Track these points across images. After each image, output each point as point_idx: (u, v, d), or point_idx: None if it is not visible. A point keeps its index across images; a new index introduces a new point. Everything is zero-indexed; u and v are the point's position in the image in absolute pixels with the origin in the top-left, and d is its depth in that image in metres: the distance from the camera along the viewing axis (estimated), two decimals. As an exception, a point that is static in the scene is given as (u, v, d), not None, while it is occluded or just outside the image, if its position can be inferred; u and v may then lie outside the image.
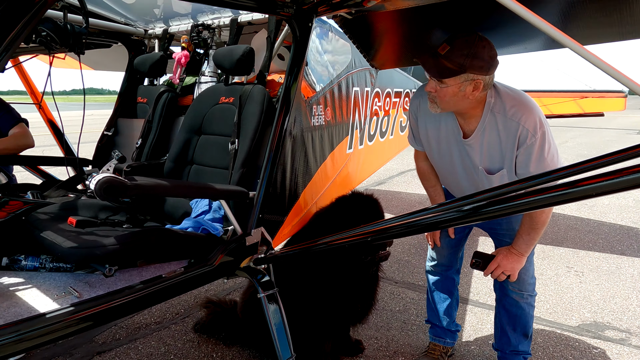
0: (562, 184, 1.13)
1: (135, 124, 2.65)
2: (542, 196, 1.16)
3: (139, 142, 2.49)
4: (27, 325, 1.26)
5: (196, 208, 2.00)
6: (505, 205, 1.24)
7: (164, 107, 2.53)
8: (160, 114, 2.52)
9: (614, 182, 1.01)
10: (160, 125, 2.51)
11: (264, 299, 1.83)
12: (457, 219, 1.40)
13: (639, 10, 1.86)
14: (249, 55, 2.08)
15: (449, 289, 2.53)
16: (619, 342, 2.74)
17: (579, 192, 1.09)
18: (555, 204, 1.17)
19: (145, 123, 2.52)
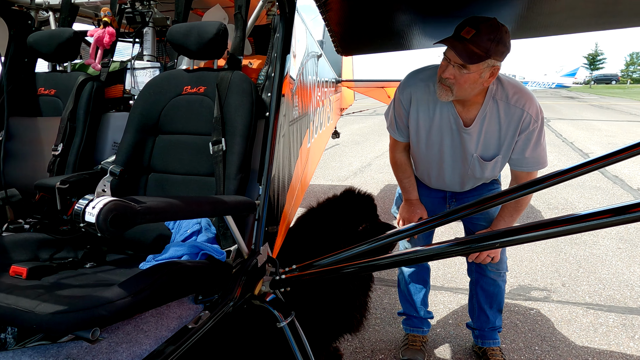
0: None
1: (41, 123, 1.96)
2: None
3: (59, 147, 1.84)
4: None
5: (179, 228, 1.56)
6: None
7: (89, 100, 1.91)
8: (85, 110, 1.90)
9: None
10: (88, 124, 1.89)
11: (286, 327, 1.54)
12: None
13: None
14: (224, 34, 1.70)
15: (424, 278, 2.54)
16: (544, 300, 3.14)
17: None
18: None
19: (65, 122, 1.87)
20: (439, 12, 2.10)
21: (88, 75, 2.00)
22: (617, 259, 3.82)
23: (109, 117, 2.05)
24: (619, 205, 1.16)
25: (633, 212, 1.14)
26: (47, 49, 1.99)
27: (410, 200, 2.34)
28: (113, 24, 2.05)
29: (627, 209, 1.15)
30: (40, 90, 2.02)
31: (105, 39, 2.02)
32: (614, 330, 2.74)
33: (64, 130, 1.85)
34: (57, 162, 1.83)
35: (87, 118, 1.90)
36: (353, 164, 8.14)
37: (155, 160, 1.75)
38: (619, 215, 1.16)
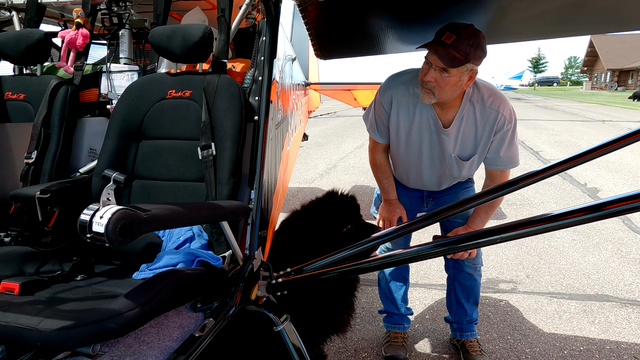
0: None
1: (9, 130, 1.84)
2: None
3: (34, 155, 1.73)
4: None
5: (171, 236, 1.53)
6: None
7: (65, 105, 1.81)
8: (61, 116, 1.80)
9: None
10: (64, 130, 1.80)
11: (283, 330, 1.54)
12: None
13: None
14: (209, 38, 1.67)
15: (404, 276, 2.61)
16: (512, 292, 3.31)
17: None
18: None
19: (39, 129, 1.77)
20: (415, 18, 2.18)
21: (61, 79, 1.90)
22: (572, 249, 4.09)
23: (84, 122, 1.96)
24: (592, 203, 1.26)
25: (606, 209, 1.25)
26: (15, 51, 1.87)
27: (389, 200, 2.40)
28: (86, 26, 1.96)
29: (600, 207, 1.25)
30: (7, 95, 1.90)
31: (78, 41, 1.93)
32: (576, 317, 2.94)
33: (38, 137, 1.75)
34: (32, 170, 1.72)
35: (63, 124, 1.81)
36: (318, 166, 8.19)
37: (140, 167, 1.70)
38: (594, 213, 1.25)
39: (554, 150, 9.53)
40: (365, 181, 6.87)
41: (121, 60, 1.99)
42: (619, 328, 2.79)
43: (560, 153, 9.15)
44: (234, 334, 1.68)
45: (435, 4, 2.04)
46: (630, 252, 3.99)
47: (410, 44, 2.45)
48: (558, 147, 9.91)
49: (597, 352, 2.56)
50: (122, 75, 1.94)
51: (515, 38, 2.46)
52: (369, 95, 5.64)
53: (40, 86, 1.87)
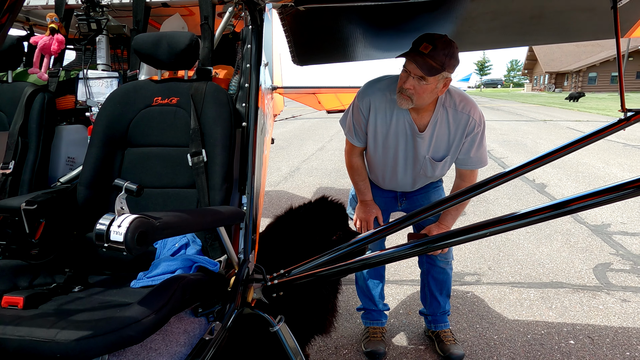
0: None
1: (-19, 139, 1.75)
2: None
3: (11, 165, 1.66)
4: None
5: (165, 243, 1.53)
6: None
7: (41, 113, 1.75)
8: (38, 124, 1.74)
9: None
10: (43, 139, 1.74)
11: (279, 331, 1.59)
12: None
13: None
14: (196, 45, 1.69)
15: (381, 273, 2.72)
16: (476, 284, 3.52)
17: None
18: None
19: (16, 138, 1.69)
20: (387, 27, 2.29)
21: (35, 86, 1.83)
22: (527, 241, 4.39)
23: (60, 130, 1.90)
24: (557, 201, 1.42)
25: (570, 205, 1.41)
26: None
27: (365, 201, 2.50)
28: (61, 31, 1.90)
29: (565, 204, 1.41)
30: (-24, 103, 1.81)
31: (53, 47, 1.87)
32: (535, 303, 3.17)
33: (15, 146, 1.68)
34: (9, 181, 1.66)
35: (41, 132, 1.75)
36: (282, 169, 8.21)
37: (126, 175, 1.68)
38: (558, 210, 1.42)
39: (503, 149, 10.11)
40: (330, 183, 6.98)
41: (99, 67, 1.95)
42: (573, 312, 3.05)
43: (509, 152, 9.74)
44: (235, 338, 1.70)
45: (406, 14, 2.16)
46: (578, 242, 4.34)
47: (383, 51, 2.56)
48: (507, 146, 10.53)
49: (556, 334, 2.78)
50: (100, 81, 1.90)
51: (480, 47, 2.65)
52: (333, 98, 5.75)
53: (13, 94, 1.80)
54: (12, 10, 0.71)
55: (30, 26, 2.24)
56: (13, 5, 0.71)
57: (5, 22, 0.68)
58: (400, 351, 2.65)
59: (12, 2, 0.70)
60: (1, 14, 0.71)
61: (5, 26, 0.68)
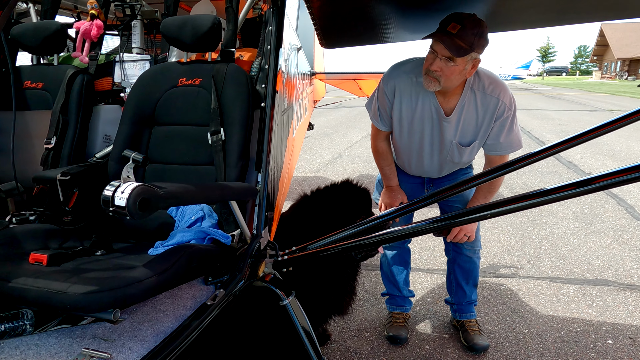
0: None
1: (29, 117, 1.94)
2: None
3: (53, 140, 1.83)
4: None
5: (183, 215, 1.62)
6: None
7: (82, 93, 1.91)
8: (78, 103, 1.90)
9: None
10: (81, 117, 1.90)
11: (289, 305, 1.64)
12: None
13: None
14: (218, 27, 1.75)
15: (406, 260, 2.70)
16: (512, 277, 3.39)
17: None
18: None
19: (58, 116, 1.86)
20: (417, 7, 2.23)
21: (77, 68, 1.99)
22: (574, 236, 4.15)
23: (99, 110, 2.05)
24: (581, 179, 1.34)
25: (595, 183, 1.31)
26: (33, 41, 1.97)
27: (391, 186, 2.48)
28: (100, 17, 2.05)
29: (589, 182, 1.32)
30: (27, 84, 1.99)
31: (92, 32, 2.02)
32: (574, 300, 3.01)
33: (57, 124, 1.85)
34: (51, 155, 1.83)
35: (80, 111, 1.90)
36: (324, 156, 8.26)
37: (153, 152, 1.79)
38: (581, 187, 1.33)
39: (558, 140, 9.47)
40: (370, 171, 6.93)
41: (133, 50, 2.08)
42: (616, 311, 2.86)
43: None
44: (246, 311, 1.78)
45: None
46: (632, 239, 4.04)
47: (413, 33, 2.50)
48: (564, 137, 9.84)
49: (593, 333, 2.63)
50: (134, 64, 2.02)
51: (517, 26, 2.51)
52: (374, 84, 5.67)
53: (57, 75, 1.96)
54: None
55: (77, 13, 2.42)
56: None
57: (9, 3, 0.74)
58: (422, 338, 2.63)
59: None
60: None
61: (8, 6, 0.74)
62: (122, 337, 1.13)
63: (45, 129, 1.88)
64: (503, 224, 4.52)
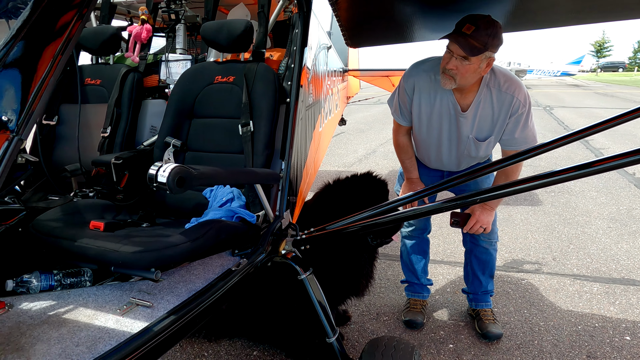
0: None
1: (88, 110, 2.24)
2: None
3: (108, 130, 2.13)
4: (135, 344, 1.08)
5: (215, 197, 1.85)
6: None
7: (133, 89, 2.19)
8: (130, 98, 2.18)
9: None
10: (132, 110, 2.18)
11: (306, 280, 1.83)
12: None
13: None
14: (250, 31, 1.96)
15: (424, 249, 2.83)
16: (535, 272, 3.42)
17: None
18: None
19: (112, 109, 2.15)
20: (439, 8, 2.34)
21: (129, 67, 2.27)
22: (606, 236, 4.09)
23: (146, 104, 2.33)
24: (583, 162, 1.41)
25: (595, 166, 1.39)
26: (93, 44, 2.26)
27: (411, 179, 2.61)
28: (149, 21, 2.32)
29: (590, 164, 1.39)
30: (87, 81, 2.30)
31: (143, 35, 2.29)
32: (597, 297, 3.02)
33: (112, 116, 2.14)
34: (107, 142, 2.12)
35: (131, 105, 2.18)
36: (358, 151, 8.40)
37: (191, 141, 2.04)
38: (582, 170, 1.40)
39: (605, 140, 9.08)
40: (403, 166, 7.00)
41: (177, 51, 2.33)
42: (638, 309, 2.86)
43: (613, 143, 8.75)
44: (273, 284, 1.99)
45: None
46: (668, 241, 3.94)
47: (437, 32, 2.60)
48: (611, 137, 9.32)
49: (611, 329, 2.66)
50: (178, 63, 2.28)
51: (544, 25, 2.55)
52: (407, 81, 5.76)
53: (112, 73, 2.25)
54: (89, 4, 0.99)
55: (130, 18, 2.72)
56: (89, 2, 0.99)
57: (85, 14, 0.96)
58: (438, 324, 2.75)
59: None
60: (83, 4, 1.00)
61: (85, 16, 0.96)
62: (162, 292, 1.37)
63: (102, 120, 2.18)
64: (532, 221, 4.51)
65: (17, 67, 0.86)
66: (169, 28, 2.33)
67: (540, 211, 4.86)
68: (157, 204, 1.92)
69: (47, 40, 0.90)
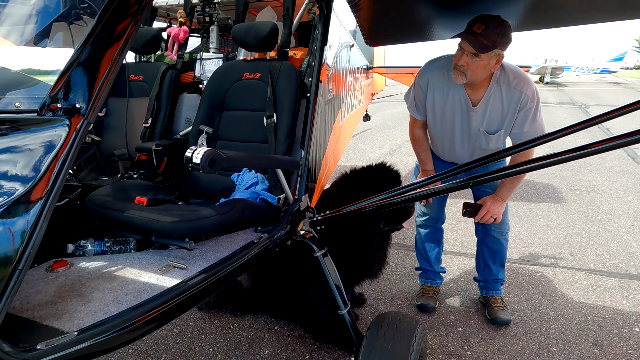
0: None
1: (132, 103, 2.51)
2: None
3: (149, 121, 2.39)
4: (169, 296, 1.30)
5: (242, 181, 2.07)
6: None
7: (171, 84, 2.45)
8: (168, 92, 2.44)
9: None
10: (170, 103, 2.44)
11: (320, 257, 2.02)
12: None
13: None
14: (275, 32, 2.17)
15: (438, 238, 2.97)
16: (551, 266, 3.49)
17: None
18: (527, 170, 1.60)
19: (153, 102, 2.42)
20: (454, 8, 2.48)
21: (167, 65, 2.53)
22: (628, 234, 4.08)
23: (182, 98, 2.58)
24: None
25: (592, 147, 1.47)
26: (137, 44, 2.54)
27: (426, 170, 2.76)
28: (186, 23, 2.57)
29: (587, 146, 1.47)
30: (132, 77, 2.58)
31: (180, 35, 2.54)
32: (610, 291, 3.08)
33: (152, 108, 2.40)
34: (148, 131, 2.38)
35: (169, 99, 2.44)
36: (384, 147, 8.52)
37: (221, 131, 2.27)
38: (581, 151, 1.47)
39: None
40: (427, 162, 7.07)
41: (210, 50, 2.57)
42: (652, 304, 2.90)
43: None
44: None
45: None
46: (693, 240, 3.90)
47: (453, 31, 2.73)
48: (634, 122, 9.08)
49: (621, 320, 2.72)
50: (211, 61, 2.52)
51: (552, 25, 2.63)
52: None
53: (153, 70, 2.52)
54: (143, 9, 1.20)
55: (169, 20, 2.99)
56: (143, 6, 1.21)
57: (139, 20, 1.19)
58: (449, 310, 2.89)
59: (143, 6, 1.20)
60: (137, 12, 1.21)
61: (139, 21, 1.18)
62: (194, 258, 1.60)
63: (143, 112, 2.44)
64: (553, 218, 4.54)
65: (87, 65, 1.10)
66: (203, 29, 2.58)
67: (562, 208, 4.86)
68: (191, 186, 2.17)
69: (109, 43, 1.13)
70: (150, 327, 1.25)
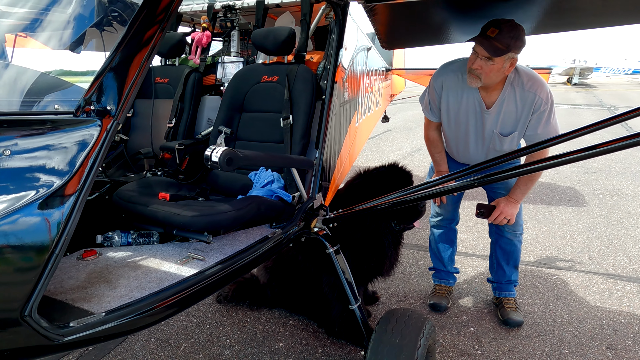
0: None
1: (158, 104, 2.65)
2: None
3: (173, 121, 2.53)
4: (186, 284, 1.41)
5: (259, 179, 2.17)
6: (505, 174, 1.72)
7: (194, 87, 2.58)
8: (191, 94, 2.57)
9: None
10: (193, 105, 2.57)
11: (333, 254, 2.10)
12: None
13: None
14: (293, 37, 2.26)
15: (452, 239, 3.00)
16: (568, 269, 3.47)
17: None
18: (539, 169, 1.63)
19: (177, 103, 2.55)
20: (469, 12, 2.52)
21: (191, 68, 2.66)
22: (651, 239, 4.00)
23: (204, 99, 2.70)
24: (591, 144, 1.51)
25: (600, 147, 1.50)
26: (162, 48, 2.67)
27: (440, 171, 2.80)
28: (209, 28, 2.69)
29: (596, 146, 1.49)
30: (157, 79, 2.71)
31: (203, 40, 2.67)
32: (628, 295, 3.04)
33: (176, 109, 2.53)
34: (171, 131, 2.51)
35: (192, 100, 2.56)
36: (403, 149, 8.52)
37: (240, 131, 2.37)
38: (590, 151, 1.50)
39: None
40: (446, 164, 7.05)
41: (232, 54, 2.69)
42: (671, 310, 2.86)
43: None
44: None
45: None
46: None
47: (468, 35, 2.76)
48: None
49: (637, 325, 2.70)
50: (232, 64, 2.63)
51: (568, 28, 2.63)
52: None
53: (177, 73, 2.65)
54: (169, 17, 1.31)
55: (193, 25, 3.12)
56: (170, 14, 1.31)
57: (165, 27, 1.29)
58: (462, 310, 2.92)
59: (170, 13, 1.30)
60: (164, 20, 1.32)
61: (165, 28, 1.29)
62: (212, 250, 1.70)
63: (168, 112, 2.58)
64: (573, 222, 4.49)
65: (117, 70, 1.21)
66: (225, 34, 2.69)
67: (583, 212, 4.80)
68: (211, 183, 2.28)
69: (137, 49, 1.24)
70: (170, 311, 1.36)
